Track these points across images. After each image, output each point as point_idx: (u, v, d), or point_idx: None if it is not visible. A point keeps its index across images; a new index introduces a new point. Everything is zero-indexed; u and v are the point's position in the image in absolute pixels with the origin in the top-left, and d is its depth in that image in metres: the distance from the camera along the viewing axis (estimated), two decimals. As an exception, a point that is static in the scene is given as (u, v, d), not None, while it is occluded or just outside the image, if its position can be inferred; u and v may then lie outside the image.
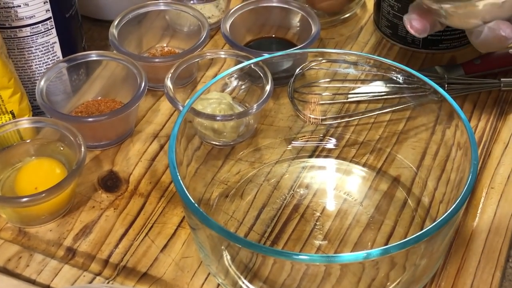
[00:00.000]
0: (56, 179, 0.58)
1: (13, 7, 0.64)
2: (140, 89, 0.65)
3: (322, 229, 0.59)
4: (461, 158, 0.55)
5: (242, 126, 0.66)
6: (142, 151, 0.66)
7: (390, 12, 0.75)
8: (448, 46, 0.74)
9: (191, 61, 0.69)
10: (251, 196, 0.62)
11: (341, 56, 0.64)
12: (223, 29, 0.72)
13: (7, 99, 0.64)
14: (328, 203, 0.61)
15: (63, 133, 0.62)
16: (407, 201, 0.61)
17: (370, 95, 0.66)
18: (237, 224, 0.59)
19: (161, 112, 0.70)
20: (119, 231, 0.59)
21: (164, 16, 0.77)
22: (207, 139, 0.65)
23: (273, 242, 0.58)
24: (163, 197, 0.62)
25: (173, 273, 0.56)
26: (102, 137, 0.66)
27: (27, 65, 0.68)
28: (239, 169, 0.64)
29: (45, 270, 0.56)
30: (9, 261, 0.57)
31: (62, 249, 0.58)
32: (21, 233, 0.60)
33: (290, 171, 0.64)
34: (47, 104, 0.64)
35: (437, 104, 0.59)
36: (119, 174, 0.64)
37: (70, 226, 0.60)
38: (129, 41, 0.74)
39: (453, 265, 0.56)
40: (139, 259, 0.57)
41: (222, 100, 0.65)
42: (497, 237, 0.58)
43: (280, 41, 0.76)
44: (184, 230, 0.59)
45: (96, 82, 0.71)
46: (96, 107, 0.68)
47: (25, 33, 0.66)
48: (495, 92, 0.70)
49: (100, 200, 0.62)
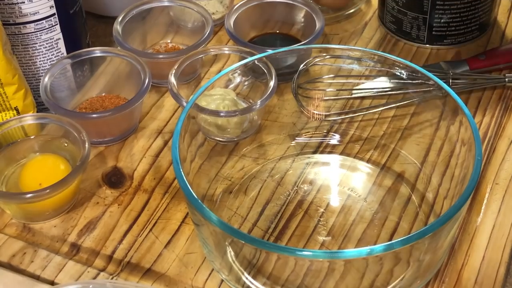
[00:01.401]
0: (60, 175, 0.58)
1: (17, 4, 0.64)
2: (144, 85, 0.65)
3: (326, 225, 0.59)
4: (465, 154, 0.55)
5: (246, 122, 0.66)
6: (146, 147, 0.66)
7: (395, 7, 0.74)
8: (453, 42, 0.74)
9: (195, 57, 0.69)
10: (255, 192, 0.62)
11: (345, 52, 0.64)
12: (227, 25, 0.72)
13: (11, 95, 0.64)
14: (332, 199, 0.61)
15: (67, 129, 0.62)
16: (411, 197, 0.60)
17: (374, 91, 0.66)
18: (241, 220, 0.59)
19: (165, 108, 0.70)
20: (123, 227, 0.59)
21: (168, 12, 0.76)
22: (211, 135, 0.65)
23: (276, 238, 0.58)
24: (167, 193, 0.62)
25: (177, 269, 0.56)
26: (106, 133, 0.66)
27: (31, 61, 0.68)
28: (243, 165, 0.64)
29: (49, 266, 0.57)
30: (14, 257, 0.57)
31: (66, 245, 0.58)
32: (25, 229, 0.60)
33: (294, 167, 0.64)
34: (51, 100, 0.64)
35: (441, 100, 0.59)
36: (123, 170, 0.64)
37: (74, 222, 0.60)
38: (133, 37, 0.74)
39: (457, 261, 0.56)
40: (143, 255, 0.57)
41: (226, 96, 0.65)
42: (502, 233, 0.58)
43: (284, 37, 0.76)
44: (188, 226, 0.59)
45: (100, 79, 0.71)
46: (100, 103, 0.68)
47: (29, 29, 0.66)
48: (500, 88, 0.70)
49: (104, 196, 0.62)
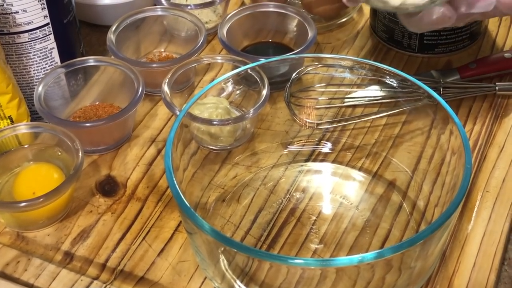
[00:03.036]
0: (54, 184, 0.58)
1: (11, 13, 0.64)
2: (137, 94, 0.65)
3: (318, 232, 0.59)
4: (456, 162, 0.56)
5: (239, 131, 0.66)
6: (140, 156, 0.67)
7: (386, 16, 0.75)
8: (444, 50, 0.75)
9: (188, 66, 0.69)
10: (247, 200, 0.62)
11: (337, 61, 0.64)
12: (220, 34, 0.72)
13: (5, 104, 0.64)
14: (324, 207, 0.61)
15: (61, 138, 0.62)
16: (403, 204, 0.61)
17: (366, 99, 0.67)
18: (233, 228, 0.60)
19: (159, 117, 0.70)
20: (117, 235, 0.60)
21: (162, 22, 0.77)
22: (204, 143, 0.65)
23: (269, 246, 0.58)
24: (160, 201, 0.62)
25: (170, 277, 0.56)
26: (100, 142, 0.66)
27: (25, 70, 0.68)
28: (236, 173, 0.64)
29: (43, 274, 0.57)
30: (7, 266, 0.57)
31: (60, 253, 0.59)
32: (19, 238, 0.60)
33: (287, 175, 0.64)
34: (45, 109, 0.65)
35: (432, 109, 0.59)
36: (116, 178, 0.64)
37: (68, 231, 0.60)
38: (127, 47, 0.74)
39: (448, 268, 0.56)
40: (136, 263, 0.58)
41: (219, 105, 0.65)
42: (492, 240, 0.58)
43: (277, 46, 0.76)
44: (181, 234, 0.59)
45: (94, 87, 0.71)
46: (94, 112, 0.69)
47: (23, 39, 0.66)
48: (491, 96, 0.70)
49: (98, 205, 0.62)
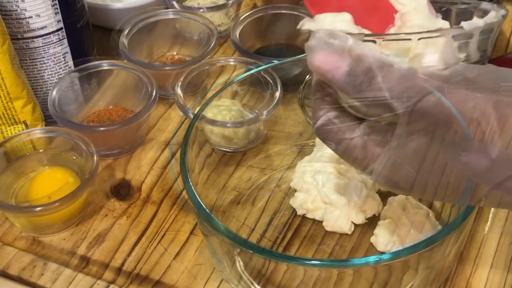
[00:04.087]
0: (69, 188, 0.58)
1: (25, 18, 0.65)
2: (151, 97, 0.66)
3: (334, 234, 0.59)
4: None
5: (253, 133, 0.66)
6: (154, 159, 0.67)
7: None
8: (457, 50, 0.74)
9: (201, 69, 0.69)
10: (262, 202, 0.62)
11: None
12: (232, 36, 0.72)
13: (20, 109, 0.64)
14: (339, 208, 0.61)
15: (75, 142, 0.62)
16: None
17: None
18: (249, 230, 0.59)
19: (172, 120, 0.70)
20: (132, 239, 0.60)
21: (174, 25, 0.77)
22: (218, 146, 0.65)
23: (285, 248, 0.58)
24: (175, 205, 0.62)
25: (186, 281, 0.56)
26: (114, 145, 0.66)
27: (39, 75, 0.68)
28: (250, 175, 0.64)
29: (60, 278, 0.57)
30: (24, 270, 0.58)
31: (76, 257, 0.59)
32: (35, 242, 0.60)
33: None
34: (59, 113, 0.65)
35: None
36: (131, 182, 0.65)
37: (83, 235, 0.60)
38: (140, 50, 0.74)
39: (465, 269, 0.56)
40: (152, 267, 0.57)
41: (232, 107, 0.65)
42: (510, 240, 0.58)
43: (290, 48, 0.76)
44: (197, 238, 0.59)
45: (107, 91, 0.71)
46: (107, 116, 0.69)
47: (37, 43, 0.66)
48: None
49: (113, 209, 0.62)
